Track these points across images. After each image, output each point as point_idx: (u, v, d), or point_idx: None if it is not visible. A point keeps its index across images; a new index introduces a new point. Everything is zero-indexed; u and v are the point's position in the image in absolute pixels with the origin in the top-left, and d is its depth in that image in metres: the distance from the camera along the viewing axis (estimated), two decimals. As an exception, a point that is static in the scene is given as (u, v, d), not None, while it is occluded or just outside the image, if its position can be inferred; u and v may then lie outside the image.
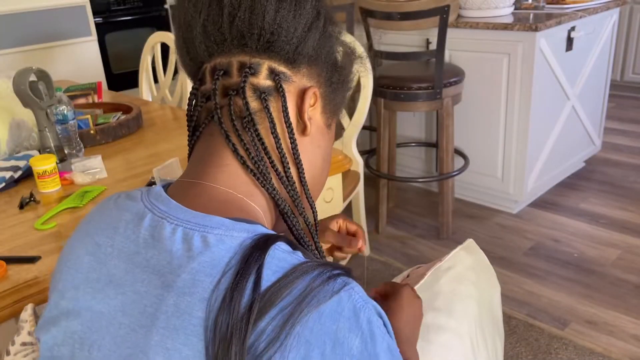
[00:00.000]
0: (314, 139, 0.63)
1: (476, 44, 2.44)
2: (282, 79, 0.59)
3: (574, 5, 2.57)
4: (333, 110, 0.66)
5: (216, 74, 0.58)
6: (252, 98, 0.58)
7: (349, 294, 0.48)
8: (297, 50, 0.58)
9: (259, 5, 0.56)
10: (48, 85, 1.45)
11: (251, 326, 0.45)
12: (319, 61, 0.61)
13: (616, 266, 2.17)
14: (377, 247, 2.42)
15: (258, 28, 0.57)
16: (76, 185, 1.36)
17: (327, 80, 0.63)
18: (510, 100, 2.41)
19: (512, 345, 1.79)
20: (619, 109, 3.97)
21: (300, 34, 0.58)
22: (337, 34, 0.64)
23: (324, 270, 0.49)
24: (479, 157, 2.60)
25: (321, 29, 0.60)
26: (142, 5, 4.07)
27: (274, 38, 0.57)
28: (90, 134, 1.62)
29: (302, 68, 0.60)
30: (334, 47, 0.64)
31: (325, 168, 0.68)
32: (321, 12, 0.61)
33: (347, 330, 0.47)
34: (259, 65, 0.58)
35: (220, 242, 0.50)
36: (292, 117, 0.60)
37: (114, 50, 3.97)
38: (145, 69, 2.53)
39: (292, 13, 0.58)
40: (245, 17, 0.56)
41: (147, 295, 0.51)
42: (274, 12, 0.57)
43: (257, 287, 0.47)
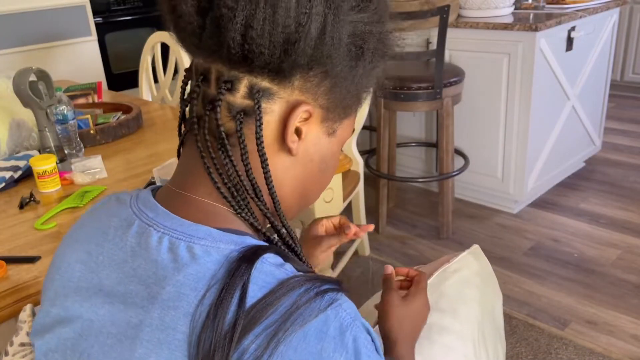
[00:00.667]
0: (305, 154, 0.56)
1: (476, 44, 2.44)
2: (264, 97, 0.51)
3: (574, 5, 2.57)
4: (339, 115, 0.57)
5: (197, 76, 0.53)
6: (227, 118, 0.52)
7: (336, 312, 0.47)
8: (283, 63, 0.49)
9: (223, 27, 0.47)
10: (48, 85, 1.44)
11: (234, 344, 0.44)
12: (318, 68, 0.51)
13: (616, 266, 2.17)
14: (377, 247, 2.42)
15: (227, 49, 0.48)
16: (76, 185, 1.36)
17: (331, 88, 0.53)
18: (510, 100, 2.41)
19: (512, 345, 1.79)
20: (619, 109, 3.97)
21: (281, 53, 0.48)
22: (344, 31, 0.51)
23: (311, 286, 0.48)
24: (479, 157, 2.60)
25: (314, 40, 0.49)
26: (142, 5, 4.07)
27: (250, 54, 0.48)
28: (90, 134, 1.62)
29: (293, 81, 0.51)
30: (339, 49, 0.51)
31: (324, 175, 0.61)
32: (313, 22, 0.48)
33: (332, 350, 0.45)
34: (237, 79, 0.50)
35: (206, 253, 0.49)
36: (275, 139, 0.53)
37: (114, 50, 3.96)
38: (145, 69, 2.52)
39: (267, 34, 0.47)
40: (212, 35, 0.48)
41: (133, 306, 0.50)
42: (242, 37, 0.47)
43: (242, 303, 0.46)
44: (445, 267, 0.99)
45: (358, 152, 2.10)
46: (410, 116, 2.81)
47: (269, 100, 0.51)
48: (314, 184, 0.61)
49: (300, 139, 0.54)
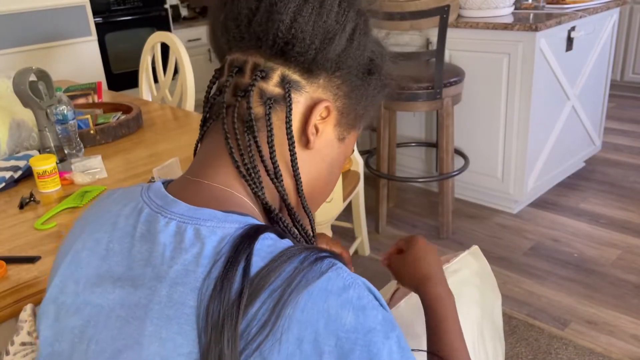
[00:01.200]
0: (319, 152, 0.61)
1: (476, 44, 2.44)
2: (293, 87, 0.57)
3: (574, 5, 2.57)
4: (350, 123, 0.63)
5: (231, 71, 0.58)
6: (257, 103, 0.57)
7: (337, 273, 0.49)
8: (315, 61, 0.56)
9: (276, 12, 0.55)
10: (48, 85, 1.44)
11: (242, 312, 0.46)
12: (341, 73, 0.59)
13: (616, 266, 2.17)
14: (377, 247, 2.42)
15: (273, 35, 0.55)
16: (76, 185, 1.36)
17: (347, 94, 0.60)
18: (510, 100, 2.41)
19: (512, 345, 1.79)
20: (619, 109, 3.97)
21: (319, 45, 0.56)
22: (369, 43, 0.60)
23: (311, 252, 0.50)
24: (479, 157, 2.60)
25: (346, 41, 0.57)
26: (142, 5, 4.07)
27: (289, 47, 0.55)
28: (90, 134, 1.62)
29: (319, 79, 0.58)
30: (361, 58, 0.60)
31: (331, 180, 0.66)
32: (348, 23, 0.57)
33: (339, 306, 0.47)
34: (271, 70, 0.57)
35: (212, 233, 0.51)
36: (297, 129, 0.59)
37: (114, 50, 3.96)
38: (145, 69, 2.52)
39: (312, 24, 0.55)
40: (262, 21, 0.55)
41: (142, 287, 0.51)
42: (291, 21, 0.55)
43: (247, 273, 0.48)
44: (445, 266, 0.99)
45: (358, 152, 2.10)
46: (410, 116, 2.81)
47: (297, 92, 0.57)
48: (322, 186, 0.65)
49: (317, 135, 0.60)
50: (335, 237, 2.43)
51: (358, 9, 0.58)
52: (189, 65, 2.27)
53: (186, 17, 4.67)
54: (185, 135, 1.70)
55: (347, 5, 0.57)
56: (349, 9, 0.57)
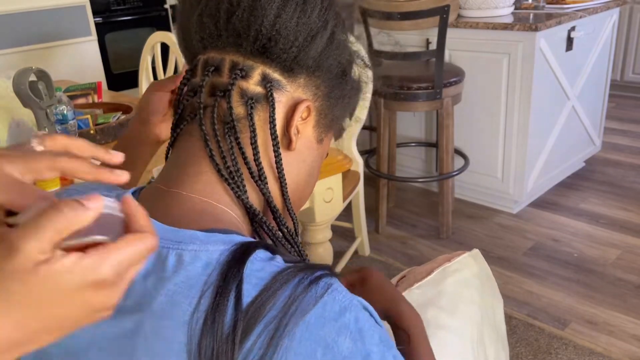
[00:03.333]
0: (300, 154, 0.59)
1: (476, 44, 2.44)
2: (274, 87, 0.55)
3: (574, 5, 2.57)
4: (328, 124, 0.61)
5: (206, 70, 0.55)
6: (238, 103, 0.54)
7: (333, 297, 0.47)
8: (296, 59, 0.54)
9: (260, 7, 0.52)
10: (48, 85, 1.44)
11: (237, 347, 0.44)
12: (320, 73, 0.57)
13: (616, 266, 2.17)
14: (377, 247, 2.42)
15: (255, 31, 0.53)
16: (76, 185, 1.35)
17: (326, 94, 0.59)
18: (510, 100, 2.41)
19: (512, 345, 1.79)
20: (619, 109, 3.97)
21: (302, 43, 0.54)
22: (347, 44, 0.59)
23: (304, 275, 0.47)
24: (479, 157, 2.60)
25: (326, 40, 0.56)
26: (142, 5, 4.07)
27: (271, 44, 0.53)
28: (90, 134, 1.62)
29: (299, 78, 0.56)
30: (340, 58, 0.59)
31: (310, 183, 0.64)
32: (329, 21, 0.56)
33: (335, 333, 0.45)
34: (251, 68, 0.54)
35: (195, 258, 0.48)
36: (278, 129, 0.56)
37: (114, 50, 3.96)
38: (145, 69, 2.52)
39: (295, 20, 0.53)
40: (244, 16, 0.53)
41: (125, 320, 0.49)
42: (274, 17, 0.53)
43: (239, 304, 0.45)
44: (445, 265, 0.99)
45: (358, 152, 2.10)
46: (410, 116, 2.81)
47: (278, 91, 0.55)
48: (302, 189, 0.63)
49: (298, 135, 0.58)
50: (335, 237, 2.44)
51: (336, 9, 0.57)
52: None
53: (186, 17, 4.66)
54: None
55: (329, 4, 0.56)
56: (330, 8, 0.56)
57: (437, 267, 0.99)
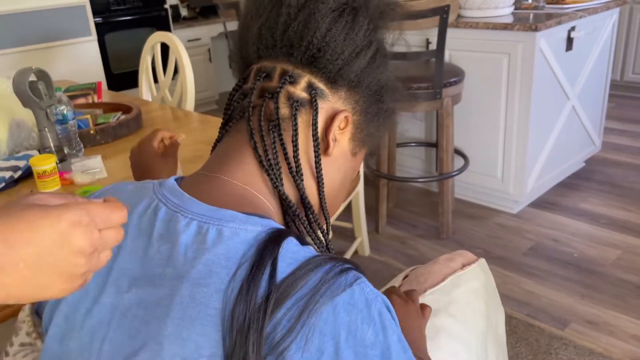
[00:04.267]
0: (335, 161, 0.64)
1: (476, 44, 2.44)
2: (318, 94, 0.60)
3: (574, 5, 2.57)
4: (363, 139, 0.66)
5: (258, 75, 0.61)
6: (284, 105, 0.60)
7: (361, 287, 0.50)
8: (340, 72, 0.60)
9: (314, 20, 0.58)
10: (48, 85, 1.44)
11: (268, 316, 0.47)
12: (360, 88, 0.62)
13: (616, 266, 2.17)
14: (377, 247, 2.42)
15: (307, 42, 0.59)
16: (76, 185, 1.35)
17: (364, 109, 0.64)
18: (510, 100, 2.41)
19: (512, 345, 1.79)
20: (619, 109, 3.97)
21: (347, 57, 0.60)
22: (387, 67, 0.65)
23: (336, 263, 0.51)
24: (479, 157, 2.60)
25: (369, 58, 0.61)
26: (142, 5, 4.07)
27: (320, 54, 0.59)
28: (90, 134, 1.62)
29: (341, 90, 0.61)
30: (379, 79, 0.64)
31: (342, 193, 0.68)
32: (373, 42, 0.62)
33: (360, 321, 0.48)
34: (299, 76, 0.60)
35: (234, 235, 0.52)
36: (319, 133, 0.61)
37: (114, 50, 3.96)
38: (145, 69, 2.52)
39: (343, 35, 0.59)
40: (298, 28, 0.59)
41: (162, 287, 0.51)
42: (326, 30, 0.58)
43: (273, 278, 0.48)
44: (458, 274, 1.00)
45: (358, 152, 2.09)
46: (410, 116, 2.81)
47: (321, 99, 0.61)
48: (333, 196, 0.67)
49: (335, 143, 0.63)
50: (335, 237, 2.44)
51: (382, 33, 0.64)
52: (189, 65, 2.27)
53: (186, 17, 4.67)
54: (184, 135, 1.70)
55: (374, 27, 0.62)
56: (375, 30, 0.62)
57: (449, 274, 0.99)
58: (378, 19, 0.63)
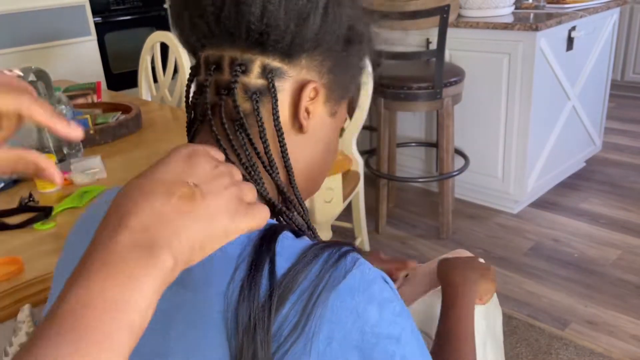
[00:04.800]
0: (314, 134, 0.60)
1: (476, 44, 2.44)
2: (275, 75, 0.55)
3: (575, 5, 2.56)
4: (340, 95, 0.61)
5: (208, 68, 0.55)
6: (243, 99, 0.55)
7: (361, 270, 0.50)
8: (293, 44, 0.54)
9: (243, 2, 0.52)
10: (47, 85, 1.44)
11: (274, 314, 0.46)
12: (321, 50, 0.56)
13: (616, 266, 2.17)
14: (377, 247, 2.42)
15: (245, 27, 0.53)
16: (75, 185, 1.35)
17: (331, 68, 0.58)
18: (511, 100, 2.41)
19: (512, 345, 1.78)
20: (620, 109, 3.97)
21: (294, 28, 0.53)
22: (344, 14, 0.57)
23: (332, 250, 0.51)
24: (479, 157, 2.60)
25: (320, 17, 0.54)
26: (142, 5, 4.07)
27: (264, 38, 0.53)
28: (89, 134, 1.62)
29: (301, 60, 0.56)
30: (339, 31, 0.57)
31: (327, 160, 0.65)
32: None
33: (365, 302, 0.48)
34: (250, 62, 0.54)
35: None
36: (288, 116, 0.57)
37: (114, 50, 3.96)
38: (144, 69, 2.52)
39: (283, 8, 0.52)
40: (231, 15, 0.53)
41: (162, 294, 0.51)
42: (261, 11, 0.52)
43: (273, 275, 0.48)
44: None
45: (358, 152, 2.09)
46: (410, 116, 2.81)
47: (281, 79, 0.55)
48: (320, 166, 0.64)
49: (308, 118, 0.58)
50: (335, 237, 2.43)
51: None
52: (189, 65, 2.27)
53: (186, 17, 4.66)
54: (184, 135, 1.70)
55: None
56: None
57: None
58: None
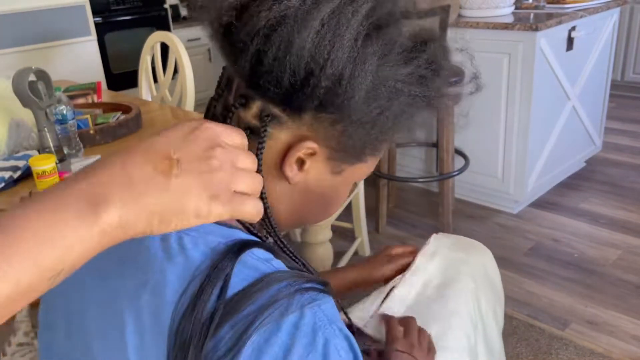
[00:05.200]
0: (303, 186, 0.57)
1: (476, 44, 2.44)
2: (272, 122, 0.51)
3: (575, 5, 2.56)
4: (349, 156, 0.56)
5: (223, 82, 0.55)
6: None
7: (313, 312, 0.47)
8: (292, 96, 0.50)
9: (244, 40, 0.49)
10: (47, 85, 1.44)
11: (210, 334, 0.45)
12: (331, 111, 0.51)
13: (616, 266, 2.17)
14: (377, 247, 2.42)
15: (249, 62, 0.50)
16: (75, 185, 1.35)
17: (342, 133, 0.53)
18: (511, 100, 2.41)
19: (512, 345, 1.78)
20: (620, 109, 3.97)
21: (292, 81, 0.49)
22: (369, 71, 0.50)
23: (294, 282, 0.48)
24: (479, 157, 2.60)
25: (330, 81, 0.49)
26: (142, 5, 4.07)
27: (263, 79, 0.49)
28: (89, 134, 1.62)
29: (304, 115, 0.51)
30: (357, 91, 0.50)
31: (320, 211, 0.62)
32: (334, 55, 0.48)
33: (302, 347, 0.45)
34: (251, 98, 0.51)
35: (194, 245, 0.49)
36: (275, 162, 0.54)
37: (114, 50, 3.96)
38: (144, 69, 2.52)
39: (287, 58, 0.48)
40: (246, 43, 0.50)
41: (126, 290, 0.51)
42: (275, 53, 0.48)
43: (223, 294, 0.46)
44: (423, 250, 0.99)
45: (358, 152, 2.09)
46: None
47: (277, 127, 0.52)
48: (312, 213, 0.62)
49: (301, 170, 0.55)
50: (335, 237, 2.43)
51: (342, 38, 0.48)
52: (189, 65, 2.27)
53: (186, 17, 4.67)
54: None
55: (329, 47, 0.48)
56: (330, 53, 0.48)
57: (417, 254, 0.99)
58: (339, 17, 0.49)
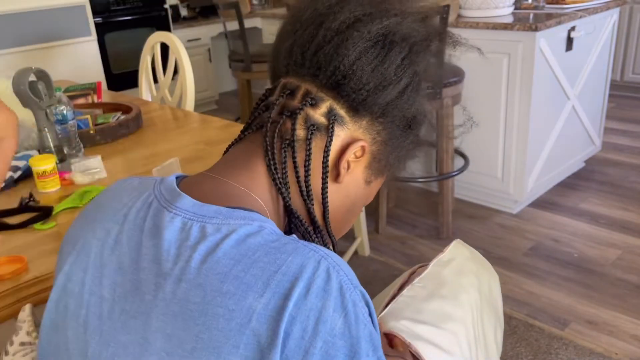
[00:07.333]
0: (345, 188, 0.64)
1: (476, 44, 2.43)
2: (337, 121, 0.59)
3: (574, 5, 2.57)
4: (380, 169, 0.65)
5: (283, 92, 0.61)
6: (301, 126, 0.59)
7: (337, 273, 0.50)
8: (364, 102, 0.59)
9: (345, 46, 0.58)
10: (47, 85, 1.44)
11: None
12: (384, 120, 0.61)
13: (616, 266, 2.17)
14: (377, 247, 2.42)
15: (334, 66, 0.58)
16: (76, 185, 1.35)
17: (385, 141, 0.63)
18: (510, 100, 2.41)
19: (512, 345, 1.79)
20: (619, 109, 3.97)
21: (372, 88, 0.58)
22: (416, 102, 0.63)
23: (316, 250, 0.51)
24: (479, 157, 2.60)
25: (397, 93, 0.60)
26: (142, 5, 4.07)
27: (344, 81, 0.58)
28: (89, 134, 1.62)
29: (363, 120, 0.60)
30: (406, 113, 0.63)
31: (349, 219, 0.68)
32: (404, 78, 0.60)
33: (332, 309, 0.48)
34: (321, 99, 0.59)
35: (217, 231, 0.52)
36: (331, 160, 0.61)
37: (114, 50, 3.96)
38: (144, 69, 2.52)
39: (372, 66, 0.58)
40: (329, 52, 0.58)
41: (147, 283, 0.52)
42: (354, 59, 0.58)
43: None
44: (439, 257, 1.00)
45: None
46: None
47: (339, 126, 0.60)
48: (341, 219, 0.67)
49: (348, 171, 0.62)
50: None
51: (416, 69, 0.61)
52: (189, 65, 2.27)
53: (186, 17, 4.67)
54: (184, 135, 1.70)
55: (409, 63, 0.60)
56: (409, 67, 0.60)
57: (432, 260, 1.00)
58: (418, 53, 0.62)
